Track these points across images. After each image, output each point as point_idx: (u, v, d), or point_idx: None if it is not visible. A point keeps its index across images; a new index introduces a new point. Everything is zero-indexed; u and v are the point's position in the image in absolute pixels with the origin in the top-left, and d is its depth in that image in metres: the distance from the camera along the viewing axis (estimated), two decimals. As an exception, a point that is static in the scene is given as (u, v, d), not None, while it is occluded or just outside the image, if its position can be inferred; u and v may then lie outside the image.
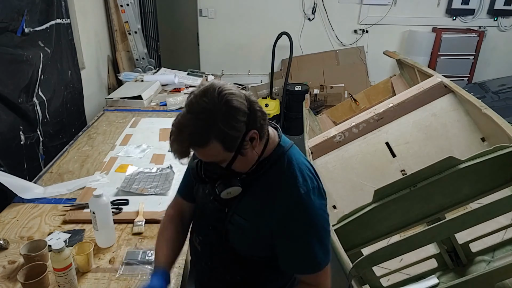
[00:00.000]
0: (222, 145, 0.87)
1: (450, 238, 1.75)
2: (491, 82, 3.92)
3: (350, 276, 1.48)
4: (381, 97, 3.31)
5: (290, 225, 0.96)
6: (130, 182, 1.80)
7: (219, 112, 0.85)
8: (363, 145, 2.51)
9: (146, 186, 1.77)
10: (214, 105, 0.85)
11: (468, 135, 2.31)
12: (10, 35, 1.93)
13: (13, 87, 1.89)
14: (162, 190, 1.76)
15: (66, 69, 2.53)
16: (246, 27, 4.80)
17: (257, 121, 0.91)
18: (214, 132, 0.85)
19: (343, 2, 4.74)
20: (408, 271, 1.83)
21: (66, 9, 2.57)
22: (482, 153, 1.65)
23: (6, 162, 1.78)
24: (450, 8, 4.74)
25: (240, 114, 0.87)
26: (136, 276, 1.27)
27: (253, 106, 0.90)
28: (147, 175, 1.87)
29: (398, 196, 1.69)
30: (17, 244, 1.41)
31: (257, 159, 0.98)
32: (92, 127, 2.50)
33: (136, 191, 1.73)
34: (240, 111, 0.87)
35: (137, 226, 1.52)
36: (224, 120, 0.85)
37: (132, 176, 1.86)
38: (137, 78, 3.40)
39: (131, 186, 1.77)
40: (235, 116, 0.86)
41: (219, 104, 0.85)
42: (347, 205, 2.29)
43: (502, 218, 1.64)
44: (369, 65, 4.98)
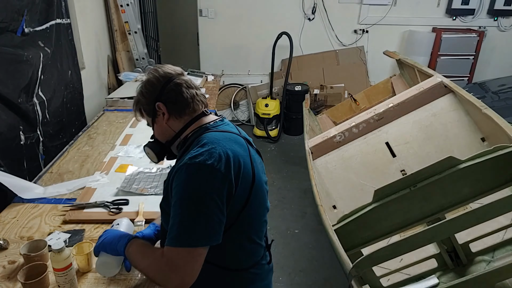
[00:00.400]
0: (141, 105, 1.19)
1: (450, 238, 1.75)
2: (491, 82, 3.93)
3: (350, 276, 1.48)
4: (381, 97, 3.31)
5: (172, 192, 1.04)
6: (130, 182, 1.80)
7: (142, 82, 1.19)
8: (363, 145, 2.51)
9: (146, 186, 1.77)
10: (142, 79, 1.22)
11: (468, 135, 2.31)
12: (10, 35, 1.93)
13: (13, 87, 1.89)
14: (162, 190, 1.76)
15: (66, 69, 2.53)
16: (246, 27, 4.81)
17: (165, 98, 1.14)
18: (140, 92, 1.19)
19: (343, 2, 4.74)
20: (408, 271, 1.83)
21: (66, 9, 2.57)
22: (482, 153, 1.65)
23: (6, 162, 1.77)
24: (450, 8, 4.74)
25: (150, 86, 1.16)
26: (136, 276, 1.27)
27: (168, 86, 1.14)
28: (147, 175, 1.88)
29: (398, 196, 1.69)
30: (17, 244, 1.41)
31: (176, 134, 1.18)
32: (92, 127, 2.50)
33: (136, 191, 1.73)
34: (152, 83, 1.16)
35: (137, 226, 1.52)
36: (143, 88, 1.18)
37: (132, 176, 1.86)
38: (137, 78, 3.40)
39: (131, 186, 1.77)
40: (146, 86, 1.17)
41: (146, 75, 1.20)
42: (347, 205, 2.30)
43: (502, 218, 1.64)
44: (369, 65, 4.98)
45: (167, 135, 1.19)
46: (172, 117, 1.16)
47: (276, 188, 3.47)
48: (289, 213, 3.14)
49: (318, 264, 2.61)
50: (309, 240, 2.83)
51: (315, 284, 2.46)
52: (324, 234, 1.94)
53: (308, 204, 3.24)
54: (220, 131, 1.12)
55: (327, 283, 2.47)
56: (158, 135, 1.21)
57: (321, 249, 2.73)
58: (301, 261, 2.64)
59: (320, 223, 2.28)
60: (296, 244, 2.80)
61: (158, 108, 1.15)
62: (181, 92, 1.14)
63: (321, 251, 2.71)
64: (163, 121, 1.16)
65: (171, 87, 1.14)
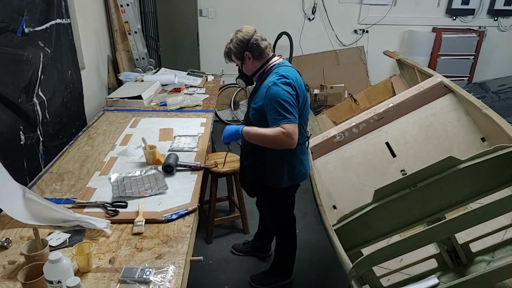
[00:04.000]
0: (234, 55, 1.90)
1: (450, 238, 1.75)
2: (491, 82, 3.93)
3: (350, 276, 1.48)
4: (381, 97, 3.31)
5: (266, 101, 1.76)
6: (120, 188, 1.76)
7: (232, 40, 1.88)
8: (363, 145, 2.51)
9: (140, 189, 1.75)
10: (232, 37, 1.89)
11: (468, 135, 2.31)
12: (10, 35, 1.93)
13: (13, 87, 1.89)
14: (160, 189, 1.76)
15: (66, 69, 2.53)
16: (246, 27, 4.80)
17: (250, 48, 1.84)
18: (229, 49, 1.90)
19: (343, 2, 4.74)
20: (408, 271, 1.83)
21: (66, 9, 2.58)
22: (482, 153, 1.65)
23: (6, 162, 1.77)
24: (450, 8, 4.75)
25: (239, 42, 1.85)
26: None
27: (250, 41, 1.83)
28: (134, 179, 1.84)
29: (398, 196, 1.69)
30: (17, 244, 1.41)
31: (257, 69, 1.90)
32: (92, 127, 2.50)
33: (133, 195, 1.71)
34: (240, 41, 1.85)
35: (137, 226, 1.52)
36: (234, 44, 1.87)
37: (118, 182, 1.81)
38: (137, 78, 3.40)
39: (124, 191, 1.73)
40: (237, 42, 1.85)
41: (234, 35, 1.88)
42: (347, 205, 2.29)
43: (502, 218, 1.64)
44: (369, 65, 4.98)
45: (252, 70, 1.92)
46: (255, 60, 1.87)
47: (276, 188, 3.46)
48: (289, 213, 3.14)
49: (318, 264, 2.61)
50: (309, 240, 2.83)
51: (315, 284, 2.46)
52: (324, 234, 1.94)
53: (308, 204, 3.24)
54: (286, 66, 1.87)
55: (327, 283, 2.47)
56: (246, 71, 1.93)
57: (321, 249, 2.72)
58: (301, 261, 2.63)
59: (320, 223, 2.28)
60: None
61: (247, 55, 1.86)
62: (260, 44, 1.85)
63: (321, 251, 2.71)
64: (249, 62, 1.88)
65: (253, 41, 1.84)
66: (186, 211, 1.62)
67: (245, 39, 1.83)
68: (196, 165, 1.98)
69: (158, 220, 1.56)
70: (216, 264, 2.56)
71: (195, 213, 1.65)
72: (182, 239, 1.48)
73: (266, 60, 1.88)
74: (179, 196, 1.73)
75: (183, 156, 2.10)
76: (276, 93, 1.72)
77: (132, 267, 1.31)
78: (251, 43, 1.83)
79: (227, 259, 2.60)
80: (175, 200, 1.69)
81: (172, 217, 1.58)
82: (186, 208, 1.63)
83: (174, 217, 1.58)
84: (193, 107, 2.85)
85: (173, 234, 1.50)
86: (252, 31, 1.86)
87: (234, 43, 1.85)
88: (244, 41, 1.83)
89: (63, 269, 1.15)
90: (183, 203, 1.67)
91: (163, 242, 1.46)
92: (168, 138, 2.31)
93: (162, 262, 1.35)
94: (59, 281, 1.14)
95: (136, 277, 1.26)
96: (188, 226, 1.55)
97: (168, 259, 1.37)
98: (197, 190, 1.79)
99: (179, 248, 1.42)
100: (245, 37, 1.83)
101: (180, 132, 2.39)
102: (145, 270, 1.30)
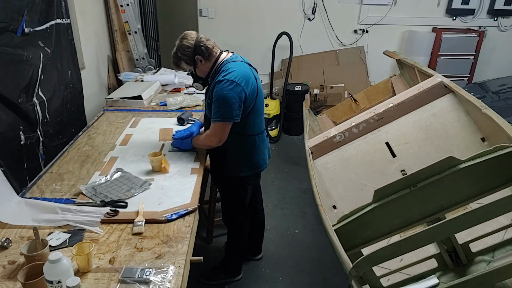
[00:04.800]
0: (184, 62, 1.95)
1: (450, 238, 1.75)
2: (491, 82, 3.93)
3: (350, 276, 1.48)
4: (381, 97, 3.31)
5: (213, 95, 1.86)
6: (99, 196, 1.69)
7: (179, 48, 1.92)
8: (363, 145, 2.51)
9: (123, 192, 1.73)
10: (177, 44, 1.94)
11: (468, 135, 2.31)
12: (10, 35, 1.93)
13: (13, 87, 1.89)
14: (143, 186, 1.78)
15: (66, 69, 2.53)
16: (246, 27, 4.81)
17: (199, 51, 1.90)
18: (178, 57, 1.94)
19: (343, 2, 4.74)
20: (408, 271, 1.83)
21: (66, 9, 2.57)
22: (482, 153, 1.65)
23: (6, 162, 1.77)
24: (450, 8, 4.75)
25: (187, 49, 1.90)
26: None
27: (197, 44, 1.89)
28: (107, 184, 1.80)
29: (398, 196, 1.69)
30: (17, 244, 1.41)
31: (210, 70, 1.96)
32: (92, 127, 2.50)
33: (120, 197, 1.69)
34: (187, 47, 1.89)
35: (137, 226, 1.52)
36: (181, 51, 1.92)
37: (91, 191, 1.73)
38: (137, 78, 3.40)
39: (106, 197, 1.68)
40: (185, 49, 1.90)
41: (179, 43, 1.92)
42: (347, 205, 2.29)
43: (502, 218, 1.63)
44: (369, 65, 4.98)
45: (205, 72, 1.98)
46: (206, 61, 1.93)
47: (276, 188, 3.46)
48: (289, 213, 3.14)
49: (318, 264, 2.61)
50: (309, 240, 2.83)
51: (315, 284, 2.46)
52: (324, 234, 1.94)
53: (308, 204, 3.24)
54: (233, 61, 1.91)
55: (327, 283, 2.47)
56: (200, 74, 1.99)
57: (321, 249, 2.73)
58: (301, 261, 2.64)
59: (320, 223, 2.28)
60: (296, 244, 2.80)
61: (198, 59, 1.91)
62: (207, 45, 1.91)
63: (321, 251, 2.71)
64: (201, 65, 1.94)
65: (201, 44, 1.89)
66: (186, 211, 1.62)
67: (191, 44, 1.89)
68: None
69: (158, 220, 1.56)
70: (216, 264, 2.56)
71: (195, 213, 1.65)
72: (182, 239, 1.48)
73: (216, 59, 1.94)
74: (179, 196, 1.73)
75: (183, 155, 2.11)
76: (217, 91, 1.83)
77: (132, 267, 1.31)
78: (199, 46, 1.89)
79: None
80: (175, 200, 1.69)
81: (172, 217, 1.58)
82: (186, 208, 1.63)
83: (174, 217, 1.58)
84: (193, 107, 2.85)
85: (173, 234, 1.50)
86: (195, 34, 1.93)
87: (182, 50, 1.90)
88: (191, 46, 1.89)
89: (63, 269, 1.15)
90: (183, 203, 1.67)
91: (163, 242, 1.46)
92: (168, 138, 2.31)
93: (162, 262, 1.35)
94: (59, 281, 1.14)
95: (136, 277, 1.26)
96: (188, 226, 1.55)
97: (168, 259, 1.37)
98: (197, 190, 1.80)
99: (179, 248, 1.42)
100: (191, 42, 1.89)
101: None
102: (145, 270, 1.29)
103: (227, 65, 1.89)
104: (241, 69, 1.88)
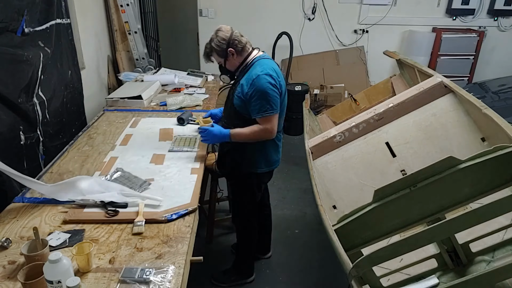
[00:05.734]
0: (216, 53, 1.99)
1: (450, 238, 1.75)
2: (491, 82, 3.92)
3: (350, 276, 1.48)
4: (381, 97, 3.30)
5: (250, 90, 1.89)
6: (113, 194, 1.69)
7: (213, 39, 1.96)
8: (363, 145, 2.51)
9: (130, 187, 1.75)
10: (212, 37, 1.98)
11: (468, 135, 2.31)
12: (10, 35, 1.93)
13: (13, 87, 1.89)
14: (142, 186, 1.79)
15: (66, 69, 2.53)
16: (246, 27, 4.76)
17: (233, 44, 1.94)
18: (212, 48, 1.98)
19: (343, 2, 4.74)
20: (408, 271, 1.83)
21: (66, 9, 2.57)
22: (482, 153, 1.65)
23: (6, 162, 1.77)
24: (450, 8, 4.75)
25: (222, 40, 1.94)
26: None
27: (231, 37, 1.94)
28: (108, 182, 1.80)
29: (398, 196, 1.69)
30: (17, 244, 1.41)
31: (240, 64, 2.01)
32: (92, 127, 2.50)
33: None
34: (222, 39, 1.94)
35: (137, 226, 1.52)
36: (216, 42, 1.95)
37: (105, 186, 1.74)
38: (137, 78, 3.40)
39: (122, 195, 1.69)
40: (220, 41, 1.94)
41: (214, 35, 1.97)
42: (347, 205, 2.29)
43: (502, 218, 1.63)
44: (369, 65, 4.98)
45: (235, 66, 2.02)
46: (238, 55, 1.98)
47: (276, 188, 3.46)
48: (289, 213, 3.14)
49: (318, 264, 2.61)
50: (309, 240, 2.83)
51: (315, 284, 2.46)
52: (324, 234, 1.94)
53: (308, 204, 3.24)
54: (266, 59, 1.99)
55: (327, 283, 2.47)
56: (229, 67, 2.03)
57: (321, 249, 2.73)
58: (301, 261, 2.64)
59: (320, 223, 2.28)
60: (296, 244, 2.80)
61: (230, 52, 1.95)
62: (241, 40, 1.97)
63: (321, 251, 2.71)
64: (233, 58, 1.98)
65: (235, 38, 1.95)
66: (186, 211, 1.62)
67: (226, 37, 1.94)
68: None
69: (158, 220, 1.56)
70: (216, 264, 2.56)
71: (195, 213, 1.65)
72: (182, 239, 1.48)
73: (248, 54, 2.00)
74: (179, 196, 1.73)
75: (183, 156, 2.11)
76: (261, 84, 1.87)
77: (132, 267, 1.31)
78: (233, 40, 1.94)
79: (227, 259, 2.60)
80: (175, 200, 1.69)
81: (172, 217, 1.58)
82: (186, 208, 1.63)
83: (174, 217, 1.58)
84: (193, 107, 2.85)
85: (173, 234, 1.50)
86: (230, 29, 1.98)
87: (216, 42, 1.95)
88: (226, 38, 1.94)
89: (63, 269, 1.15)
90: (183, 203, 1.67)
91: (163, 242, 1.46)
92: (168, 138, 2.31)
93: (162, 262, 1.35)
94: (59, 281, 1.14)
95: (136, 277, 1.26)
96: (188, 226, 1.55)
97: (168, 259, 1.37)
98: (197, 190, 1.80)
99: (179, 248, 1.42)
100: (226, 35, 1.94)
101: (180, 132, 2.39)
102: (145, 270, 1.29)
103: (261, 61, 1.96)
104: (276, 68, 1.97)
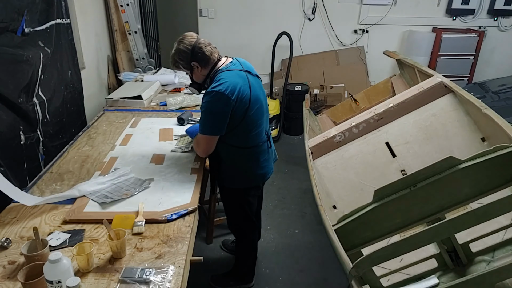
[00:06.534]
0: (181, 66, 1.85)
1: (450, 238, 1.75)
2: (491, 82, 3.92)
3: (350, 276, 1.48)
4: (381, 97, 3.31)
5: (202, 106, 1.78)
6: (100, 196, 1.70)
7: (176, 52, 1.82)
8: (363, 145, 2.51)
9: (123, 192, 1.72)
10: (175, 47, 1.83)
11: (468, 135, 2.31)
12: (10, 35, 1.93)
13: (13, 87, 1.89)
14: (143, 185, 1.78)
15: (66, 69, 2.53)
16: (246, 27, 4.80)
17: (196, 57, 1.79)
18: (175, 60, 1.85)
19: (343, 2, 4.74)
20: (408, 271, 1.83)
21: (66, 9, 2.57)
22: (482, 153, 1.65)
23: (6, 162, 1.77)
24: (450, 8, 4.75)
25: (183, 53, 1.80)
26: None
27: (195, 50, 1.78)
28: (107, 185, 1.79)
29: (398, 196, 1.69)
30: (17, 244, 1.41)
31: (206, 76, 1.86)
32: (92, 127, 2.50)
33: (121, 197, 1.68)
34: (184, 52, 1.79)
35: (137, 226, 1.52)
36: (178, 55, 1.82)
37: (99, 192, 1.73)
38: (137, 78, 3.40)
39: (106, 197, 1.68)
40: (182, 54, 1.80)
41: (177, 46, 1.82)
42: (347, 205, 2.29)
43: (502, 218, 1.63)
44: (369, 65, 4.98)
45: (201, 78, 1.88)
46: (203, 68, 1.83)
47: (276, 188, 3.46)
48: (289, 213, 3.14)
49: (318, 264, 2.61)
50: (309, 240, 2.83)
51: (315, 284, 2.46)
52: (324, 234, 1.95)
53: (308, 204, 3.24)
54: (227, 71, 1.80)
55: (327, 283, 2.47)
56: (196, 79, 1.90)
57: (321, 249, 2.73)
58: (301, 261, 2.63)
59: (320, 223, 2.28)
60: (296, 244, 2.80)
61: (194, 65, 1.82)
62: (205, 52, 1.80)
63: (321, 251, 2.71)
64: (198, 71, 1.85)
65: (197, 50, 1.79)
66: (186, 211, 1.62)
67: (188, 49, 1.78)
68: None
69: (158, 220, 1.56)
70: (216, 264, 2.56)
71: (195, 213, 1.65)
72: (182, 239, 1.48)
73: (213, 65, 1.84)
74: (179, 196, 1.73)
75: (183, 156, 2.11)
76: (205, 102, 1.75)
77: (132, 267, 1.31)
78: (196, 52, 1.78)
79: (228, 259, 2.60)
80: (175, 200, 1.69)
81: (172, 217, 1.58)
82: (186, 208, 1.63)
83: (174, 217, 1.58)
84: (193, 107, 2.85)
85: (173, 234, 1.50)
86: (194, 38, 1.81)
87: (179, 55, 1.80)
88: (187, 51, 1.78)
89: (63, 269, 1.15)
90: (183, 203, 1.67)
91: (163, 242, 1.46)
92: (168, 138, 2.31)
93: (162, 262, 1.35)
94: (59, 281, 1.14)
95: (136, 277, 1.26)
96: (188, 226, 1.55)
97: (168, 259, 1.37)
98: (197, 190, 1.80)
99: (179, 248, 1.42)
100: (188, 47, 1.78)
101: (180, 132, 2.39)
102: (145, 270, 1.29)
103: (220, 74, 1.78)
104: (233, 80, 1.74)
